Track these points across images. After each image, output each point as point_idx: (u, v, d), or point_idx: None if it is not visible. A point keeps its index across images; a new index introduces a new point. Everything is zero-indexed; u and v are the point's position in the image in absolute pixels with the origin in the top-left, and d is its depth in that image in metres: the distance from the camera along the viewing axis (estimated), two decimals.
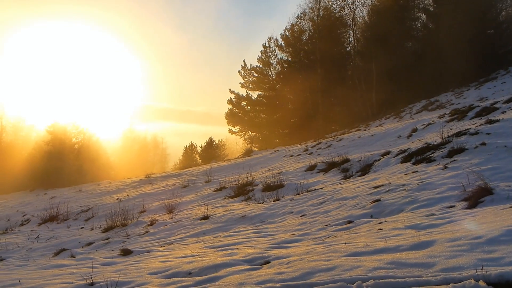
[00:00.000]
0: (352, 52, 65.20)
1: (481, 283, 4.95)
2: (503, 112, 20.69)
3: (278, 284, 6.13)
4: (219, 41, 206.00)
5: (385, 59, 53.58)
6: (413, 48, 58.42)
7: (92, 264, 10.35)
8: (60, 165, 52.29)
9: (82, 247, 15.01)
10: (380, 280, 5.57)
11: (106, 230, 17.40)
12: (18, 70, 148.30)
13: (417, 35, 59.57)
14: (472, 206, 9.28)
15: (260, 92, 73.03)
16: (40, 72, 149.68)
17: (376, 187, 13.26)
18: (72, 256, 13.09)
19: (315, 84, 62.03)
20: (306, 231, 10.74)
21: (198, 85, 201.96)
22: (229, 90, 73.17)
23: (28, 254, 15.13)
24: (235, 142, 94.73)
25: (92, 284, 8.25)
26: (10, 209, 31.22)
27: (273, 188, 18.07)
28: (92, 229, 18.48)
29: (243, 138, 75.05)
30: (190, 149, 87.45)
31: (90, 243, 15.45)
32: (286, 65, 70.49)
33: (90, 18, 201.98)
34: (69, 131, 61.34)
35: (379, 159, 17.95)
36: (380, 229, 9.00)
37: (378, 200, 11.69)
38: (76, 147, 62.31)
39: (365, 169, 17.27)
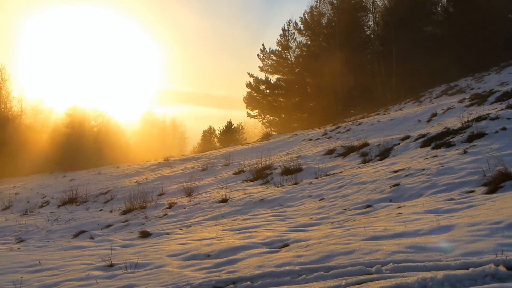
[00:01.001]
0: (372, 36, 64.74)
1: (501, 268, 4.92)
2: None
3: (296, 267, 6.14)
4: (239, 25, 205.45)
5: (405, 44, 53.22)
6: (433, 32, 57.88)
7: (111, 246, 10.41)
8: (79, 148, 52.47)
9: (101, 229, 15.09)
10: (399, 264, 5.56)
11: (125, 212, 17.49)
12: (38, 53, 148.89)
13: (437, 19, 59.02)
14: (492, 191, 9.23)
15: (279, 76, 72.77)
16: (60, 55, 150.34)
17: (395, 172, 13.22)
18: (91, 238, 13.19)
19: (334, 68, 61.71)
20: (324, 215, 10.74)
21: (217, 69, 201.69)
22: (248, 73, 72.93)
23: (48, 236, 15.23)
24: (253, 126, 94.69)
25: (111, 265, 8.30)
26: (30, 191, 31.42)
27: (291, 172, 18.05)
28: (111, 212, 18.58)
29: (261, 122, 74.92)
30: (208, 133, 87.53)
31: (109, 225, 15.54)
32: (305, 49, 70.13)
33: (111, 2, 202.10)
34: (88, 114, 61.51)
35: (399, 144, 17.87)
36: (399, 213, 8.98)
37: (397, 185, 11.65)
38: (95, 130, 62.48)
39: (384, 153, 17.21)
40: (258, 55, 72.65)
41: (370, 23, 65.14)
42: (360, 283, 5.18)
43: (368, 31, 65.62)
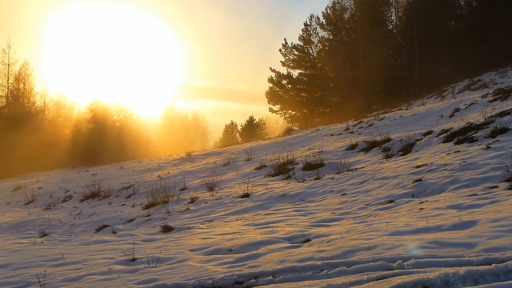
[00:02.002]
0: (394, 31, 64.54)
1: None
2: None
3: (318, 262, 6.14)
4: (261, 19, 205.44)
5: (428, 38, 52.99)
6: (456, 27, 57.57)
7: (133, 240, 10.48)
8: (101, 143, 52.57)
9: (124, 224, 15.16)
10: (422, 260, 5.55)
11: (147, 207, 17.55)
12: (61, 48, 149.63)
13: (461, 13, 58.65)
14: None
15: (301, 71, 72.71)
16: (82, 50, 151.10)
17: (417, 167, 13.16)
18: (114, 232, 13.25)
19: (356, 62, 61.60)
20: (346, 210, 10.72)
21: (240, 64, 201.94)
22: (270, 68, 73.25)
23: (71, 230, 15.32)
24: (275, 120, 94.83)
25: (133, 260, 8.35)
26: (53, 186, 31.59)
27: (313, 167, 18.02)
28: (133, 206, 18.65)
29: (283, 117, 74.97)
30: (230, 128, 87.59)
31: (131, 220, 15.60)
32: (327, 44, 70.05)
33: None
34: (111, 108, 61.61)
35: (421, 139, 17.79)
36: (422, 208, 8.95)
37: (420, 180, 11.61)
38: (117, 124, 62.61)
39: (407, 148, 17.13)
40: (280, 50, 72.76)
41: (392, 17, 65.06)
42: (381, 278, 5.18)
43: (391, 26, 65.45)
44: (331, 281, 5.35)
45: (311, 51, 71.90)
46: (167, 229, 12.16)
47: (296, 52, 71.97)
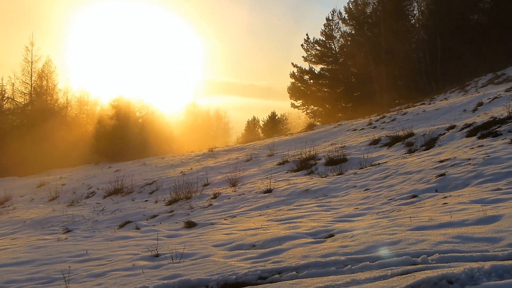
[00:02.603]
0: (417, 25, 64.14)
1: None
2: None
3: (342, 257, 6.13)
4: (282, 15, 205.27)
5: (450, 32, 52.68)
6: (479, 21, 57.07)
7: (157, 236, 10.51)
8: (124, 139, 52.82)
9: (147, 220, 15.23)
10: (446, 254, 5.53)
11: (170, 203, 17.60)
12: (84, 45, 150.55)
13: (484, 7, 58.10)
14: None
15: (323, 66, 72.47)
16: (105, 47, 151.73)
17: (441, 162, 13.10)
18: (137, 228, 13.31)
19: (379, 57, 61.37)
20: (369, 205, 10.71)
21: (261, 60, 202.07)
22: (292, 64, 72.88)
23: (94, 226, 15.41)
24: (297, 116, 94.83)
25: (157, 255, 8.38)
26: (76, 182, 31.80)
27: (336, 162, 18.00)
28: (156, 202, 18.71)
29: (305, 112, 74.78)
30: (252, 123, 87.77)
31: (154, 216, 15.66)
32: (349, 39, 69.78)
33: None
34: (133, 105, 61.83)
35: (444, 133, 17.70)
36: (445, 203, 8.92)
37: (443, 175, 11.56)
38: (140, 121, 62.82)
39: (430, 143, 17.06)
40: (302, 45, 72.50)
41: (415, 12, 64.54)
42: (406, 273, 5.16)
43: (413, 20, 65.01)
44: (355, 276, 5.34)
45: (333, 46, 71.66)
46: (190, 225, 12.19)
47: (318, 47, 71.75)
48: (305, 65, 72.36)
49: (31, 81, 62.36)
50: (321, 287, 5.10)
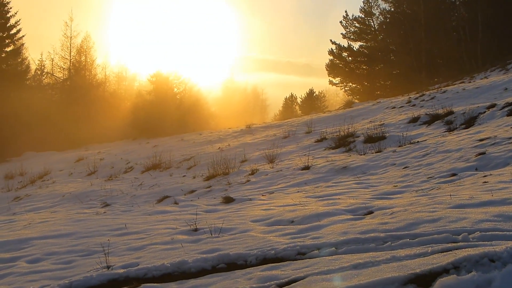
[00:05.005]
0: (457, 3, 63.35)
1: None
2: None
3: (381, 234, 6.11)
4: None
5: (491, 9, 51.95)
6: None
7: (196, 211, 10.57)
8: (162, 115, 53.04)
9: (185, 195, 15.32)
10: (487, 233, 5.48)
11: (208, 178, 17.68)
12: (121, 21, 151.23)
13: None
14: None
15: (362, 43, 72.14)
16: (143, 23, 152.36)
17: (481, 140, 12.97)
18: (175, 203, 13.40)
19: (418, 35, 60.78)
20: (409, 183, 10.65)
21: (299, 37, 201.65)
22: (330, 41, 72.37)
23: (132, 201, 15.55)
24: (335, 93, 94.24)
25: (196, 230, 8.43)
26: (114, 157, 32.05)
27: (374, 139, 17.90)
28: (194, 177, 18.80)
29: (343, 89, 74.50)
30: (290, 100, 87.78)
31: (192, 191, 15.75)
32: (388, 16, 69.20)
33: None
34: (171, 81, 62.05)
35: (484, 112, 17.50)
36: (485, 182, 8.83)
37: (483, 153, 11.44)
38: (178, 97, 63.05)
39: (470, 121, 16.90)
40: (340, 22, 72.16)
41: None
42: (446, 250, 5.12)
43: None
44: (395, 253, 5.32)
45: (372, 23, 71.20)
46: (228, 200, 12.25)
47: (357, 24, 71.38)
48: (344, 42, 72.09)
49: (70, 57, 62.73)
50: (361, 264, 5.09)
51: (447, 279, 4.29)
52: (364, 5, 70.60)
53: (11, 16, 53.89)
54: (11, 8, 54.08)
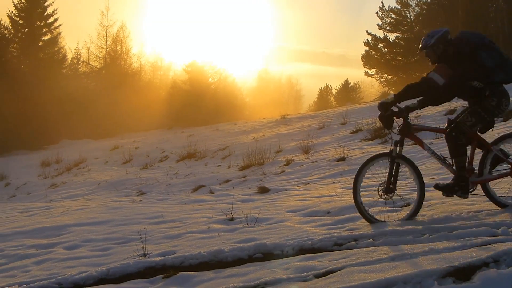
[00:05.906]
0: None
1: None
2: None
3: (419, 226, 6.09)
4: None
5: None
6: None
7: (232, 200, 10.58)
8: (197, 104, 53.10)
9: (220, 184, 15.36)
10: None
11: (242, 168, 17.71)
12: (157, 11, 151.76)
13: None
14: None
15: (398, 34, 71.44)
16: (179, 12, 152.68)
17: None
18: (211, 192, 13.47)
19: (455, 26, 60.13)
20: (445, 175, 10.55)
21: (335, 27, 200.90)
22: (366, 31, 71.77)
23: (168, 189, 15.64)
24: (370, 84, 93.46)
25: (232, 219, 8.47)
26: (149, 146, 32.17)
27: None
28: (229, 167, 18.83)
29: (379, 81, 73.86)
30: (325, 91, 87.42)
31: (227, 181, 15.79)
32: (425, 7, 68.49)
33: None
34: (206, 71, 62.14)
35: None
36: None
37: None
38: (212, 87, 63.15)
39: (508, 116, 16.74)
40: (376, 13, 71.52)
41: None
42: (485, 244, 5.09)
43: None
44: (433, 245, 5.30)
45: (408, 15, 70.55)
46: (263, 190, 12.27)
47: (393, 15, 70.74)
48: (380, 33, 71.47)
49: (106, 46, 63.05)
50: (398, 255, 5.08)
51: (487, 272, 4.26)
52: None
53: (48, 5, 54.20)
54: None
